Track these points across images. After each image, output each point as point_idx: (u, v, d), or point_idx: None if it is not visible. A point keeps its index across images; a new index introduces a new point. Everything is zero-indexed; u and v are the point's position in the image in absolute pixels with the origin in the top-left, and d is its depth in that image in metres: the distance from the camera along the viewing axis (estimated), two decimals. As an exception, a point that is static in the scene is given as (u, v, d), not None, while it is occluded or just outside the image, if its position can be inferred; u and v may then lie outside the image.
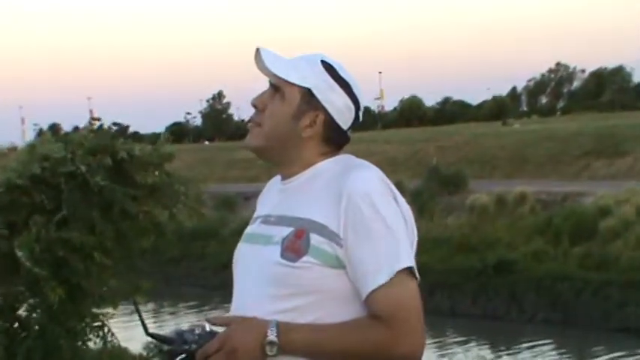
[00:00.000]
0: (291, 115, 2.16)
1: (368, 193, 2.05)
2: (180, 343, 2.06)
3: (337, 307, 2.05)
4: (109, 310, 6.15)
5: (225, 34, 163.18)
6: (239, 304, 2.17)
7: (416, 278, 2.06)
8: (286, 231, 2.09)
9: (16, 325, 6.02)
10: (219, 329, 2.07)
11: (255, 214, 2.29)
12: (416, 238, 2.14)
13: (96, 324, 6.07)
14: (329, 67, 2.18)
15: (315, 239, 2.05)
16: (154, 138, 6.90)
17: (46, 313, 5.88)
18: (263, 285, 2.09)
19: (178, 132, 77.74)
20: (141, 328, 2.21)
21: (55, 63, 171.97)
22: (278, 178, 2.27)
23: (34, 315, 6.03)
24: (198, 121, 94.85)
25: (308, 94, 2.16)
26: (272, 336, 2.00)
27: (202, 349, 2.02)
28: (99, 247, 5.61)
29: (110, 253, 5.73)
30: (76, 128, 6.55)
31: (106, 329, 6.14)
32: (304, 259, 2.04)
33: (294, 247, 2.06)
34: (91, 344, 6.18)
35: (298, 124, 2.16)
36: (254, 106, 2.22)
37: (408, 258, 2.05)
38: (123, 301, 6.18)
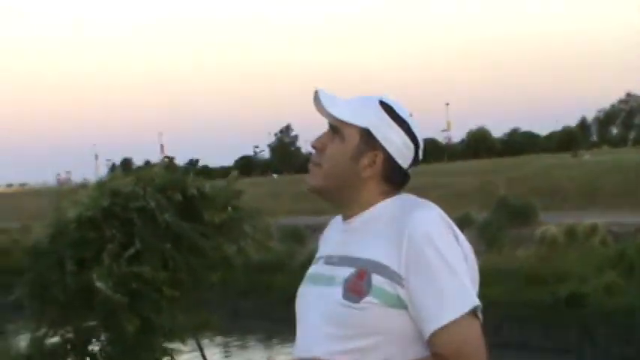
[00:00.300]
0: (350, 155, 2.18)
1: (429, 233, 2.05)
2: None
3: (400, 347, 2.05)
4: (178, 344, 6.21)
5: (293, 67, 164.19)
6: (302, 344, 2.17)
7: (478, 318, 2.06)
8: (348, 271, 2.10)
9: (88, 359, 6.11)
10: None
11: (318, 254, 2.30)
12: (477, 277, 2.14)
13: (165, 358, 6.14)
14: (387, 107, 2.20)
15: (376, 280, 2.05)
16: (222, 172, 6.97)
17: (119, 346, 5.95)
18: (326, 325, 2.10)
19: (247, 165, 78.28)
20: None
21: (127, 99, 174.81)
22: (339, 217, 2.28)
23: (108, 349, 6.10)
24: (266, 154, 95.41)
25: (367, 134, 2.18)
26: None
27: None
28: (169, 280, 5.67)
29: (181, 286, 5.79)
30: (147, 163, 6.64)
31: (176, 363, 6.20)
32: (366, 299, 2.05)
33: (356, 288, 2.06)
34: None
35: (358, 164, 2.18)
36: (314, 147, 2.24)
37: (470, 298, 2.05)
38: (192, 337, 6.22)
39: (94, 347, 6.10)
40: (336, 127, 2.20)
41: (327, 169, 2.19)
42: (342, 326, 2.06)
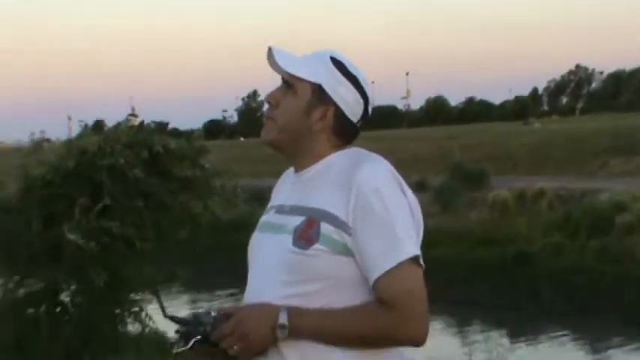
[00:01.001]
0: (303, 109, 2.18)
1: (377, 185, 2.06)
2: (195, 325, 2.06)
3: (346, 292, 2.07)
4: (147, 296, 6.20)
5: (260, 35, 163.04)
6: (253, 289, 2.19)
7: (421, 266, 2.07)
8: (298, 220, 2.11)
9: (58, 309, 6.09)
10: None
11: (270, 204, 2.30)
12: (422, 228, 2.15)
13: (134, 309, 6.13)
14: (338, 64, 2.19)
15: (325, 228, 2.06)
16: (190, 134, 6.93)
17: (88, 297, 5.93)
18: (276, 271, 2.11)
19: (215, 128, 77.97)
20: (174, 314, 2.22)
21: (100, 62, 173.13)
22: (291, 170, 2.28)
23: (77, 300, 6.09)
24: (234, 118, 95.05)
25: (318, 90, 2.17)
26: (283, 320, 2.03)
27: (217, 331, 2.04)
28: (137, 235, 5.65)
29: (148, 241, 5.77)
30: (118, 124, 6.60)
31: (143, 314, 6.19)
32: (315, 246, 2.05)
33: (306, 236, 2.07)
34: (130, 328, 6.23)
35: (310, 117, 2.18)
36: (268, 102, 2.24)
37: (413, 247, 2.06)
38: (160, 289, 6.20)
39: (65, 298, 6.07)
40: (290, 83, 2.19)
41: (280, 123, 2.19)
42: (291, 272, 2.07)
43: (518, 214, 25.03)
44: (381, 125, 67.55)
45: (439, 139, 44.18)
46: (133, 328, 6.11)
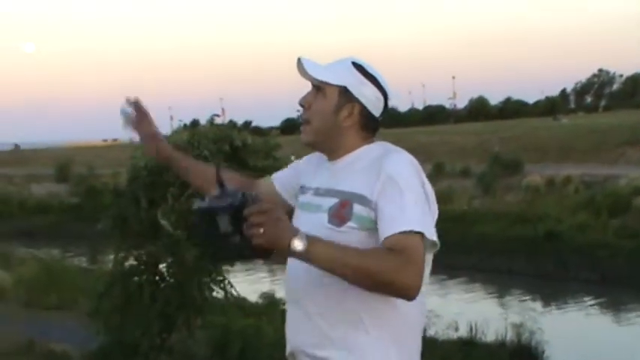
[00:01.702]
0: (332, 109, 2.14)
1: (400, 172, 2.02)
2: (225, 196, 1.78)
3: None
4: (228, 267, 6.24)
5: (321, 46, 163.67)
6: (293, 259, 2.05)
7: (425, 247, 1.95)
8: (332, 201, 2.08)
9: (157, 278, 6.14)
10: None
11: (307, 185, 2.24)
12: (436, 215, 2.07)
13: (219, 278, 6.14)
14: (358, 67, 2.15)
15: (357, 208, 2.03)
16: (268, 132, 6.94)
17: (181, 269, 5.97)
18: None
19: (291, 125, 78.12)
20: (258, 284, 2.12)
21: (195, 70, 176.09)
22: (322, 156, 2.24)
23: (171, 270, 6.13)
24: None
25: (344, 91, 2.14)
26: (302, 236, 1.84)
27: (254, 206, 1.75)
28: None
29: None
30: (211, 123, 6.64)
31: (226, 282, 6.20)
32: (347, 224, 2.03)
33: (339, 215, 2.05)
34: (215, 294, 6.25)
35: (339, 116, 2.14)
36: (301, 105, 2.20)
37: (423, 224, 1.95)
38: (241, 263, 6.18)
39: (162, 268, 6.12)
40: (319, 87, 2.16)
41: (315, 125, 2.17)
42: None
43: (548, 197, 24.74)
44: (432, 122, 67.11)
45: (481, 133, 43.71)
46: (218, 294, 6.11)
